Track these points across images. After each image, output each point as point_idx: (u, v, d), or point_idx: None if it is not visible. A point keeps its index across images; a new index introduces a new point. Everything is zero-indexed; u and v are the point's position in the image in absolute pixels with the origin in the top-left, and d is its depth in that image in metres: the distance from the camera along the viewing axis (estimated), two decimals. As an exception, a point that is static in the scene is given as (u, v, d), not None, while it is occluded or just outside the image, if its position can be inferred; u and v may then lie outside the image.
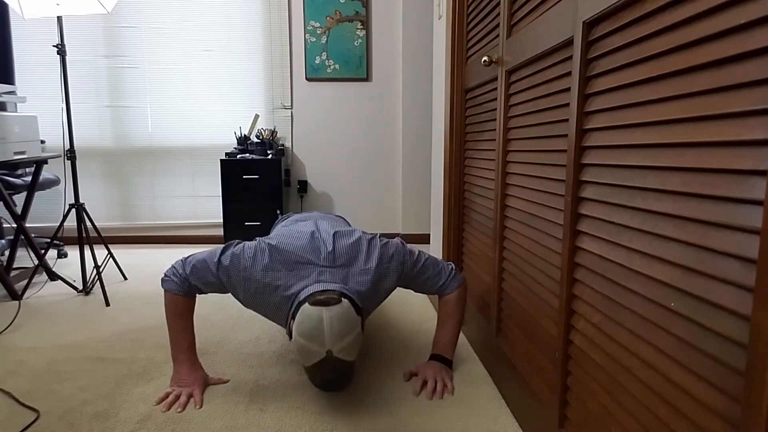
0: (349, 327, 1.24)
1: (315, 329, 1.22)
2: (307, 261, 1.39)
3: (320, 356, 1.23)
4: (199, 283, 1.43)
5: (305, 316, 1.24)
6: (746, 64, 0.58)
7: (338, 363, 1.24)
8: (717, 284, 0.63)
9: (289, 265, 1.39)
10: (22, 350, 1.78)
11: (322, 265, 1.39)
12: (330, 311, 1.23)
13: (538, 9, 1.19)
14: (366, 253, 1.44)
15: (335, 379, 1.32)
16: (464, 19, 1.87)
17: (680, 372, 0.70)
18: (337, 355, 1.23)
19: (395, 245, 1.49)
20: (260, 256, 1.39)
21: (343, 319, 1.23)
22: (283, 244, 1.41)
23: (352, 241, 1.45)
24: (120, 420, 1.34)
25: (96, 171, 3.54)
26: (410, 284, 1.55)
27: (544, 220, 1.18)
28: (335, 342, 1.22)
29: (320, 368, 1.25)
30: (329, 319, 1.22)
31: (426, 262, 1.54)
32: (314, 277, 1.37)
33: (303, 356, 1.26)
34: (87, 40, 3.39)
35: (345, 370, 1.29)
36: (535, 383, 1.23)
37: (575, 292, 1.01)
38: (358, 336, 1.28)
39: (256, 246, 1.41)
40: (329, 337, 1.21)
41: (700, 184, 0.66)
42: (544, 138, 1.17)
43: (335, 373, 1.28)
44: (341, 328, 1.23)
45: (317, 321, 1.22)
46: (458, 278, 1.59)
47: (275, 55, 3.44)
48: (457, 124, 1.94)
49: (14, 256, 2.58)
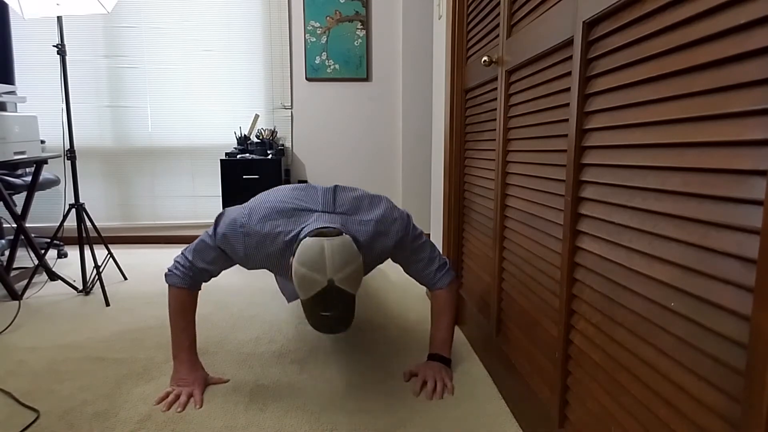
0: (350, 258, 1.22)
1: (316, 258, 1.19)
2: (305, 207, 1.38)
3: (321, 285, 1.18)
4: (204, 264, 1.43)
5: (306, 246, 1.22)
6: (746, 64, 0.58)
7: (339, 293, 1.19)
8: (717, 284, 0.63)
9: (287, 212, 1.37)
10: (22, 350, 1.78)
11: (321, 210, 1.38)
12: (331, 241, 1.21)
13: (538, 9, 1.19)
14: (368, 206, 1.42)
15: (335, 316, 1.23)
16: (464, 19, 1.87)
17: (680, 372, 0.70)
18: (338, 285, 1.19)
19: (401, 213, 1.48)
20: (256, 211, 1.38)
21: (344, 249, 1.21)
22: (278, 198, 1.40)
23: (356, 194, 1.44)
24: (120, 420, 1.34)
25: (96, 171, 3.54)
26: (404, 258, 1.54)
27: (544, 220, 1.18)
28: (336, 271, 1.19)
29: (321, 299, 1.20)
30: (330, 248, 1.20)
31: (425, 243, 1.53)
32: (314, 219, 1.35)
33: (303, 287, 1.21)
34: (87, 40, 3.39)
35: (345, 304, 1.22)
36: (535, 383, 1.23)
37: (575, 292, 1.01)
38: (360, 268, 1.24)
39: (250, 204, 1.41)
40: (330, 266, 1.18)
41: (700, 184, 0.66)
42: (544, 138, 1.17)
43: (336, 306, 1.21)
44: (342, 258, 1.20)
45: (318, 250, 1.20)
46: (450, 274, 1.59)
47: (275, 55, 3.44)
48: (457, 124, 1.94)
49: (14, 256, 2.58)
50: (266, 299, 2.34)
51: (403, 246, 1.49)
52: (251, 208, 1.40)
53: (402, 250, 1.50)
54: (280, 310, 2.18)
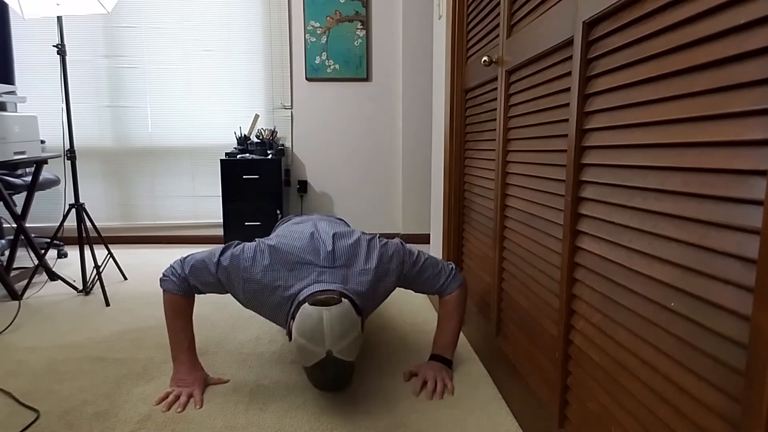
0: (349, 327, 1.24)
1: (315, 329, 1.22)
2: (307, 261, 1.39)
3: (320, 356, 1.22)
4: (197, 284, 1.43)
5: (305, 316, 1.24)
6: (746, 64, 0.58)
7: (338, 363, 1.24)
8: (717, 284, 0.63)
9: (289, 265, 1.39)
10: (22, 350, 1.78)
11: (321, 265, 1.39)
12: (330, 311, 1.23)
13: (538, 9, 1.19)
14: (365, 254, 1.44)
15: (335, 380, 1.32)
16: (464, 19, 1.87)
17: (680, 372, 0.70)
18: (337, 356, 1.23)
19: (395, 245, 1.49)
20: (260, 256, 1.39)
21: (343, 319, 1.23)
22: (282, 245, 1.41)
23: (352, 241, 1.45)
24: (120, 420, 1.34)
25: (96, 171, 3.54)
26: (410, 284, 1.55)
27: (544, 220, 1.18)
28: (335, 342, 1.22)
29: (320, 368, 1.25)
30: (329, 319, 1.22)
31: (425, 262, 1.54)
32: (314, 277, 1.37)
33: (303, 356, 1.26)
34: (87, 40, 3.39)
35: (345, 371, 1.29)
36: (535, 383, 1.23)
37: (575, 292, 1.01)
38: (358, 336, 1.28)
39: (256, 247, 1.41)
40: (329, 338, 1.21)
41: (700, 184, 0.66)
42: (544, 138, 1.17)
43: (335, 374, 1.28)
44: (341, 329, 1.23)
45: (317, 321, 1.22)
46: (458, 278, 1.59)
47: (275, 55, 3.44)
48: (457, 124, 1.94)
49: (14, 256, 2.58)
50: (266, 299, 2.33)
51: (405, 277, 1.51)
52: (255, 250, 1.40)
53: (405, 280, 1.52)
54: (280, 310, 2.18)
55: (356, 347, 1.27)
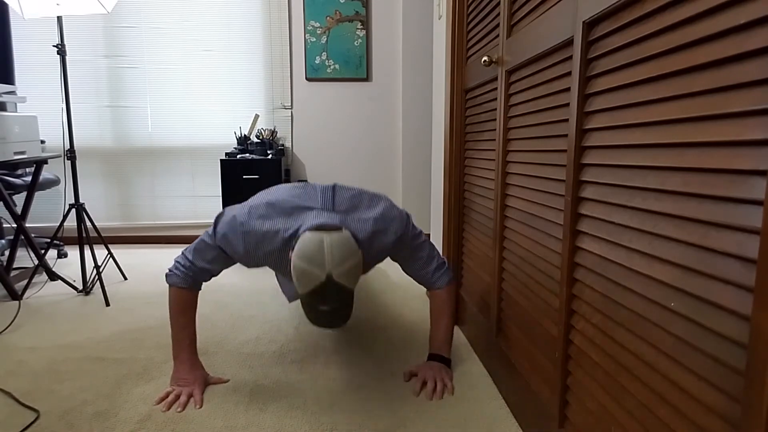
0: (349, 253, 1.22)
1: (315, 252, 1.19)
2: (305, 206, 1.38)
3: (320, 280, 1.18)
4: (204, 264, 1.43)
5: (306, 240, 1.22)
6: (746, 64, 0.58)
7: (338, 288, 1.19)
8: (717, 284, 0.63)
9: (287, 210, 1.37)
10: (22, 350, 1.78)
11: (320, 208, 1.38)
12: (331, 236, 1.22)
13: (538, 9, 1.19)
14: (367, 205, 1.42)
15: (333, 311, 1.23)
16: (464, 19, 1.87)
17: (680, 372, 0.70)
18: (337, 280, 1.18)
19: (401, 212, 1.48)
20: (255, 210, 1.38)
21: (343, 244, 1.22)
22: (277, 197, 1.40)
23: (354, 192, 1.44)
24: (120, 420, 1.34)
25: (96, 171, 3.54)
26: (403, 257, 1.54)
27: (544, 220, 1.18)
28: (336, 266, 1.19)
29: (319, 294, 1.19)
30: (330, 243, 1.20)
31: (424, 242, 1.54)
32: (313, 215, 1.36)
33: (301, 282, 1.20)
34: (87, 40, 3.39)
35: (344, 299, 1.22)
36: (535, 383, 1.23)
37: (575, 292, 1.01)
38: (359, 264, 1.24)
39: (250, 203, 1.41)
40: (329, 260, 1.18)
41: (700, 184, 0.66)
42: (544, 138, 1.17)
43: (334, 301, 1.21)
44: (342, 253, 1.20)
45: (318, 244, 1.20)
46: (449, 274, 1.59)
47: (275, 55, 3.43)
48: (457, 124, 1.94)
49: (14, 256, 2.58)
50: (266, 299, 2.34)
51: (401, 244, 1.49)
52: (250, 206, 1.40)
53: (401, 249, 1.50)
54: (280, 310, 2.18)
55: (356, 275, 1.24)
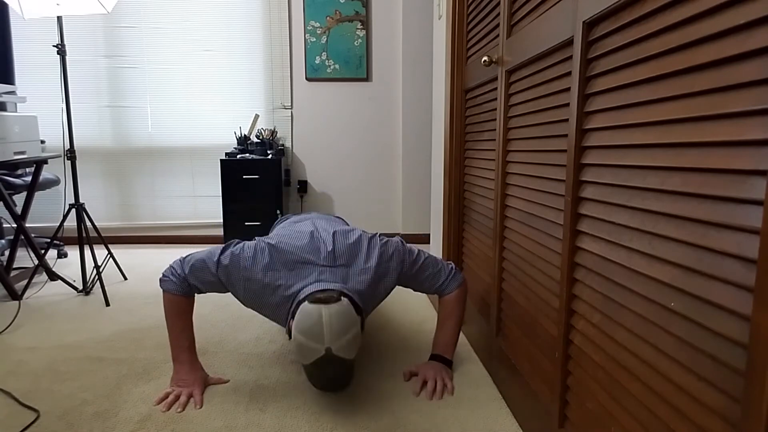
0: (348, 325, 1.24)
1: (314, 326, 1.22)
2: (308, 261, 1.39)
3: (319, 354, 1.22)
4: (198, 283, 1.43)
5: (305, 314, 1.24)
6: (746, 64, 0.58)
7: (337, 361, 1.24)
8: (717, 284, 0.63)
9: (290, 264, 1.39)
10: (22, 350, 1.78)
11: (322, 264, 1.39)
12: (329, 309, 1.23)
13: (538, 9, 1.19)
14: (366, 252, 1.44)
15: (334, 378, 1.32)
16: (464, 19, 1.87)
17: (680, 372, 0.69)
18: (336, 353, 1.23)
19: (395, 244, 1.49)
20: (260, 255, 1.39)
21: (342, 316, 1.24)
22: (282, 244, 1.41)
23: (352, 240, 1.45)
24: (120, 420, 1.34)
25: (96, 171, 3.54)
26: (410, 283, 1.55)
27: (544, 220, 1.18)
28: (334, 340, 1.22)
29: (319, 366, 1.25)
30: (329, 316, 1.22)
31: (425, 261, 1.54)
32: (314, 276, 1.37)
33: (302, 354, 1.26)
34: (87, 40, 3.39)
35: (344, 369, 1.29)
36: (535, 383, 1.23)
37: (575, 292, 1.01)
38: (358, 334, 1.28)
39: (256, 245, 1.41)
40: (328, 335, 1.21)
41: (700, 184, 0.66)
42: (544, 138, 1.17)
43: (334, 372, 1.28)
44: (340, 326, 1.23)
45: (317, 318, 1.22)
46: (458, 278, 1.59)
47: (275, 55, 3.43)
48: (457, 124, 1.94)
49: (14, 256, 2.58)
50: (266, 299, 2.33)
51: (405, 276, 1.51)
52: (256, 249, 1.40)
53: (405, 279, 1.52)
54: (280, 310, 2.18)
55: (355, 345, 1.27)
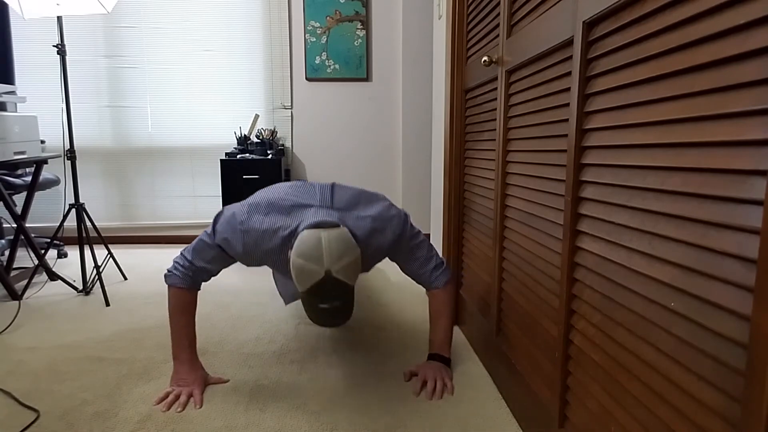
0: (347, 248, 1.22)
1: (313, 249, 1.20)
2: (303, 203, 1.38)
3: (319, 276, 1.18)
4: (203, 263, 1.43)
5: (304, 238, 1.23)
6: (746, 64, 0.58)
7: (337, 284, 1.19)
8: (717, 284, 0.63)
9: (285, 208, 1.37)
10: (22, 350, 1.78)
11: (318, 205, 1.38)
12: (329, 232, 1.22)
13: (538, 9, 1.19)
14: (366, 204, 1.43)
15: (334, 308, 1.23)
16: (464, 19, 1.87)
17: (680, 372, 0.69)
18: (336, 275, 1.19)
19: (399, 211, 1.49)
20: (254, 208, 1.38)
21: (341, 240, 1.22)
22: (275, 195, 1.40)
23: (353, 192, 1.45)
24: (120, 420, 1.34)
25: (96, 171, 3.54)
26: (402, 257, 1.54)
27: (544, 220, 1.18)
28: (334, 261, 1.19)
29: (319, 291, 1.20)
30: (328, 239, 1.21)
31: (422, 242, 1.54)
32: (312, 213, 1.36)
33: (301, 278, 1.21)
34: (87, 40, 3.39)
35: (344, 294, 1.22)
36: (535, 383, 1.23)
37: (575, 292, 1.01)
38: (357, 260, 1.25)
39: (249, 202, 1.41)
40: (328, 257, 1.19)
41: (700, 184, 0.66)
42: (544, 138, 1.17)
43: (334, 298, 1.21)
44: (340, 249, 1.21)
45: (316, 241, 1.21)
46: (447, 273, 1.59)
47: (275, 55, 3.43)
48: (457, 124, 1.94)
49: (14, 256, 2.58)
50: (266, 299, 2.34)
51: (399, 244, 1.49)
52: (249, 204, 1.40)
53: (399, 248, 1.50)
54: (280, 310, 2.18)
55: (356, 271, 1.24)
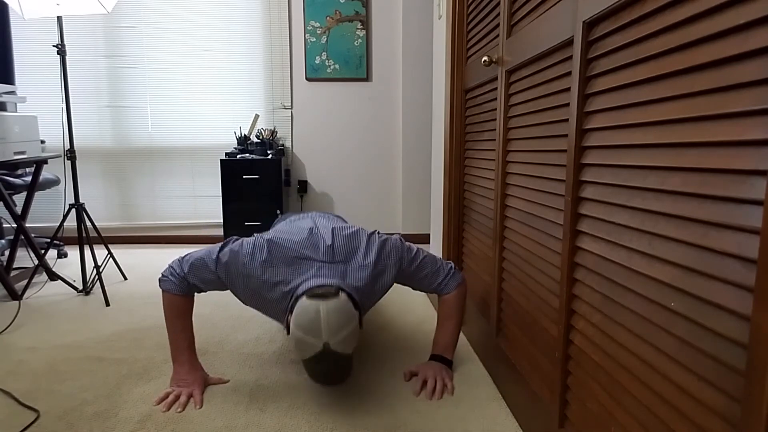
0: (346, 320, 1.24)
1: (312, 322, 1.22)
2: (306, 256, 1.39)
3: (317, 349, 1.22)
4: (197, 282, 1.43)
5: (302, 309, 1.24)
6: (746, 64, 0.58)
7: (335, 356, 1.24)
8: (717, 284, 0.63)
9: (288, 260, 1.39)
10: (22, 350, 1.78)
11: (320, 260, 1.39)
12: (327, 304, 1.23)
13: (538, 9, 1.19)
14: (365, 249, 1.44)
15: (332, 373, 1.30)
16: (464, 19, 1.87)
17: (680, 372, 0.69)
18: (334, 348, 1.22)
19: (394, 241, 1.49)
20: (259, 252, 1.39)
21: (340, 311, 1.24)
22: (281, 240, 1.41)
23: (351, 237, 1.45)
24: (120, 420, 1.34)
25: (96, 171, 3.54)
26: (408, 281, 1.55)
27: (544, 220, 1.18)
28: (332, 335, 1.22)
29: (317, 361, 1.25)
30: (326, 312, 1.22)
31: (424, 259, 1.54)
32: (313, 272, 1.37)
33: (300, 349, 1.25)
34: (87, 40, 3.39)
35: (342, 364, 1.28)
36: (535, 383, 1.23)
37: (575, 292, 1.01)
38: (356, 330, 1.27)
39: (255, 242, 1.41)
40: (326, 330, 1.21)
41: (700, 184, 0.66)
42: (544, 138, 1.17)
43: (332, 367, 1.27)
44: (338, 321, 1.23)
45: (314, 313, 1.22)
46: (457, 277, 1.59)
47: (275, 55, 3.43)
48: (457, 124, 1.94)
49: (14, 256, 2.58)
50: (266, 299, 2.34)
51: (402, 273, 1.50)
52: (255, 245, 1.40)
53: (403, 277, 1.52)
54: (280, 310, 2.18)
55: (353, 340, 1.27)
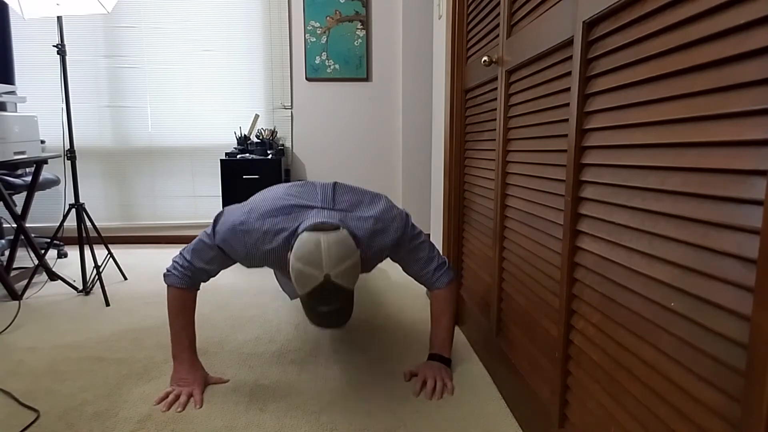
0: (347, 252, 1.21)
1: (312, 253, 1.19)
2: (305, 204, 1.38)
3: (318, 281, 1.18)
4: (202, 264, 1.43)
5: (303, 241, 1.22)
6: (746, 64, 0.58)
7: (336, 289, 1.19)
8: (717, 284, 0.63)
9: (286, 209, 1.37)
10: (22, 350, 1.78)
11: (320, 206, 1.38)
12: (328, 236, 1.22)
13: (538, 9, 1.19)
14: (368, 204, 1.43)
15: (333, 310, 1.23)
16: (464, 19, 1.87)
17: (680, 372, 0.70)
18: (335, 280, 1.18)
19: (400, 211, 1.49)
20: (255, 209, 1.38)
21: (340, 244, 1.21)
22: (277, 196, 1.40)
23: (356, 191, 1.45)
24: (120, 420, 1.34)
25: (96, 171, 3.54)
26: (404, 258, 1.53)
27: (544, 220, 1.18)
28: (333, 266, 1.18)
29: (318, 295, 1.20)
30: (327, 243, 1.20)
31: (423, 242, 1.54)
32: (313, 214, 1.35)
33: (300, 282, 1.21)
34: (87, 40, 3.39)
35: (343, 298, 1.22)
36: (535, 383, 1.23)
37: (575, 292, 1.01)
38: (357, 264, 1.24)
39: (249, 202, 1.41)
40: (327, 261, 1.18)
41: (700, 184, 0.66)
42: (544, 138, 1.17)
43: (333, 301, 1.21)
44: (339, 253, 1.20)
45: (315, 245, 1.20)
46: (450, 273, 1.59)
47: (275, 55, 3.43)
48: (457, 124, 1.94)
49: (14, 256, 2.58)
50: (266, 300, 2.34)
51: (401, 244, 1.49)
52: (250, 205, 1.40)
53: (400, 249, 1.50)
54: (280, 310, 2.18)
55: (354, 274, 1.24)
